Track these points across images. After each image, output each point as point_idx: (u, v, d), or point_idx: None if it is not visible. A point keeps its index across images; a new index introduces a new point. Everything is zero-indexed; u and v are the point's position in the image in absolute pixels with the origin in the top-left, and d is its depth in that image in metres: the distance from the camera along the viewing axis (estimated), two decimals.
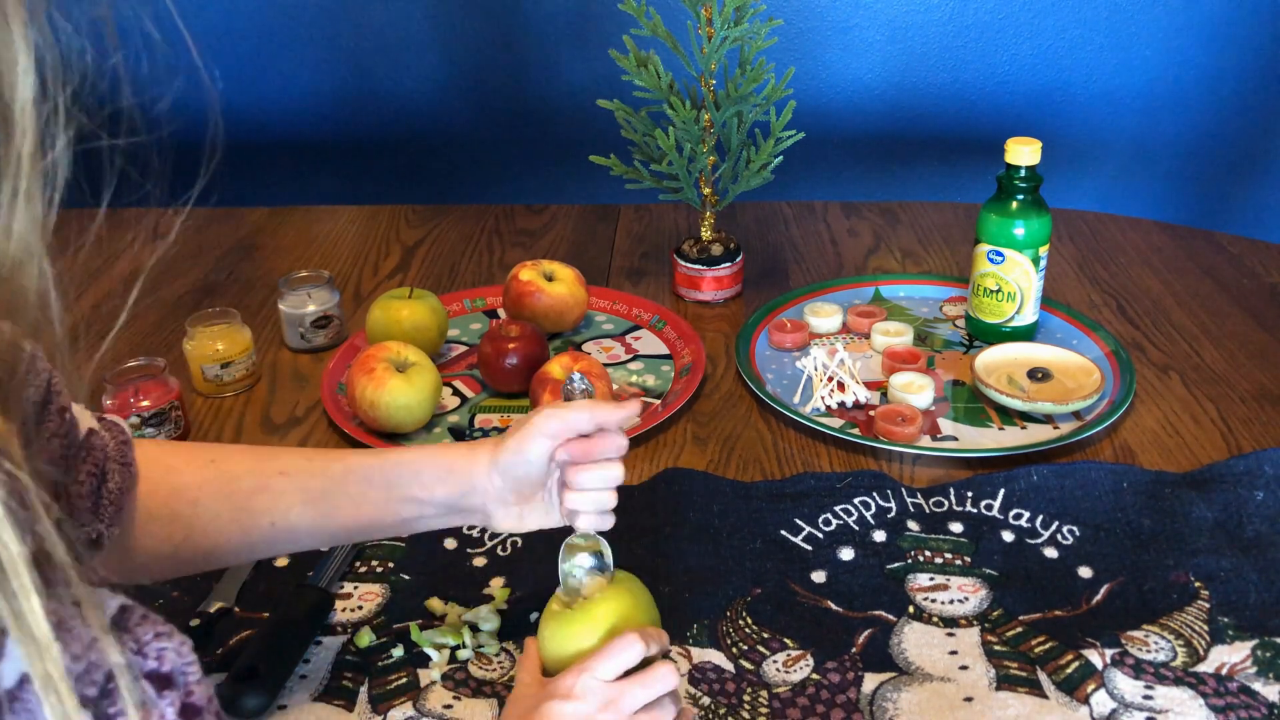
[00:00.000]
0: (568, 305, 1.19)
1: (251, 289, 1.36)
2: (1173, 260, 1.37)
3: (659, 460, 0.99)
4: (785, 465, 0.98)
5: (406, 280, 1.39)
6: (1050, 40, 1.83)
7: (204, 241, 1.50)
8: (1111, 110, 1.88)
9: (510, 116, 1.95)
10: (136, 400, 1.00)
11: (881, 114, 1.90)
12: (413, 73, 1.91)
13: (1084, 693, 0.73)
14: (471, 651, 0.78)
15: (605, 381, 1.01)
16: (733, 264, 1.28)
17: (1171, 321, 1.23)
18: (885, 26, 1.83)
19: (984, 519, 0.89)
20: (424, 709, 0.73)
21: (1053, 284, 1.32)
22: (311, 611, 0.79)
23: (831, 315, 1.21)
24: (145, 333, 1.26)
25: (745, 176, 1.24)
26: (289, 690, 0.75)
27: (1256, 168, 1.93)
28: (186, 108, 0.50)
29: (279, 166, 2.01)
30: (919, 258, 1.40)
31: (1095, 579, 0.83)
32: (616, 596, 0.68)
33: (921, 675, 0.75)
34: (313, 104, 1.94)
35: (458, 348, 1.21)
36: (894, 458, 0.99)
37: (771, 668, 0.76)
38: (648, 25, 1.18)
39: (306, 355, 1.21)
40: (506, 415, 1.07)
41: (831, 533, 0.88)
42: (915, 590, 0.82)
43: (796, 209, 1.57)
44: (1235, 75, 1.85)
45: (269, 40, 1.88)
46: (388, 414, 1.01)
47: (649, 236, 1.49)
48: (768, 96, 1.20)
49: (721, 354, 1.18)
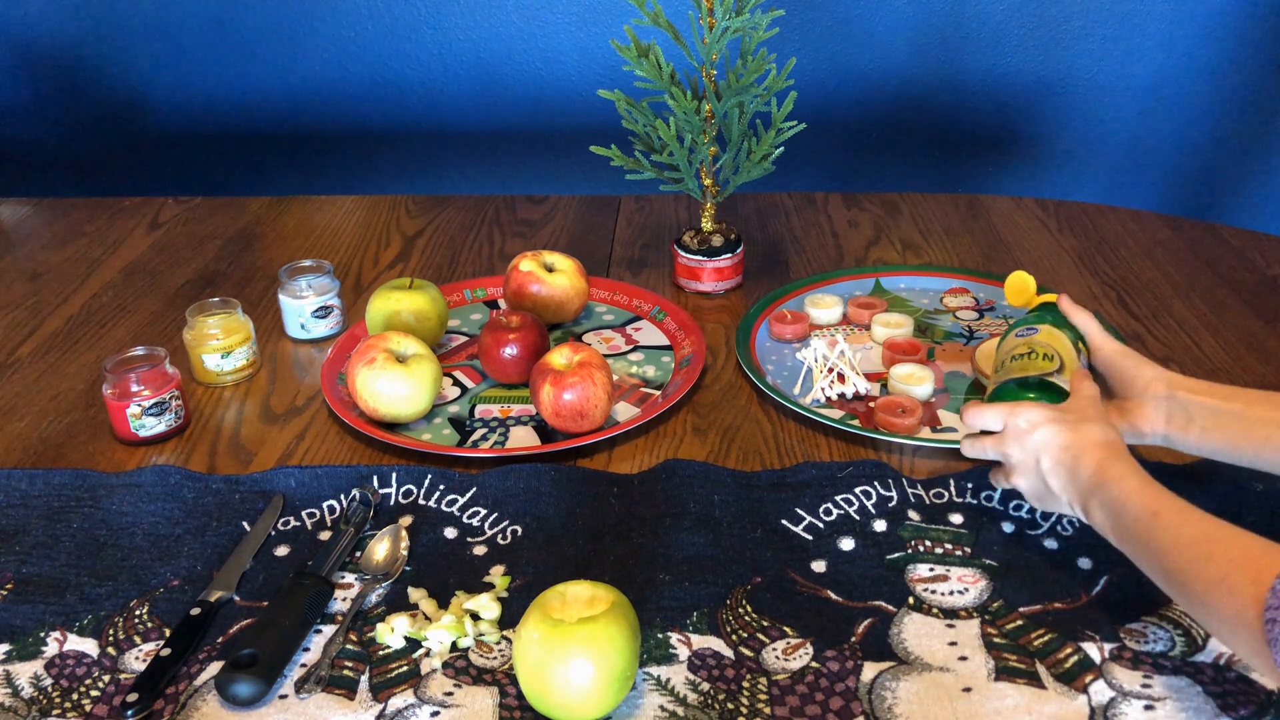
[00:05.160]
0: (568, 296, 1.19)
1: (252, 279, 1.36)
2: (1174, 252, 1.37)
3: (659, 451, 1.00)
4: (785, 457, 0.98)
5: (407, 270, 1.39)
6: (1053, 32, 1.83)
7: (204, 231, 1.50)
8: (1114, 103, 1.88)
9: (511, 107, 1.94)
10: (137, 389, 1.00)
11: (883, 105, 1.90)
12: (413, 62, 1.91)
13: (1082, 683, 0.73)
14: (472, 639, 0.78)
15: (606, 372, 1.01)
16: (733, 255, 1.28)
17: (1172, 313, 1.23)
18: (887, 17, 1.83)
19: (984, 510, 0.90)
20: (425, 696, 0.74)
21: (1053, 276, 1.32)
22: (311, 600, 0.80)
23: (832, 307, 1.21)
24: (146, 322, 1.26)
25: (746, 167, 1.24)
26: (288, 678, 0.75)
27: (1258, 161, 1.92)
28: (185, 99, 0.50)
29: (279, 156, 2.01)
30: (919, 249, 1.40)
31: (1095, 570, 0.83)
32: (605, 621, 0.69)
33: (920, 665, 0.75)
34: (314, 93, 1.94)
35: (458, 338, 1.21)
36: (894, 449, 0.99)
37: (771, 655, 0.76)
38: (649, 15, 1.18)
39: (307, 345, 1.21)
40: (506, 406, 1.07)
41: (832, 522, 0.88)
42: (915, 581, 0.82)
43: (797, 200, 1.57)
44: (1238, 68, 1.84)
45: (268, 29, 1.88)
46: (388, 404, 1.01)
47: (649, 227, 1.49)
48: (769, 87, 1.19)
49: (722, 345, 1.18)
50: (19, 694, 0.75)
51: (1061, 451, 0.79)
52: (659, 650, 0.76)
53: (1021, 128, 1.90)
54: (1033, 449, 0.80)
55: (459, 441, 1.01)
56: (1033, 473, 0.81)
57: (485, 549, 0.88)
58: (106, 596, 0.83)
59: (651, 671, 0.75)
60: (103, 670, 0.76)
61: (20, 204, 1.62)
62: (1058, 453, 0.79)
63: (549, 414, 1.00)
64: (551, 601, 0.71)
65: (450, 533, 0.89)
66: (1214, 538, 0.68)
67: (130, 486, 0.94)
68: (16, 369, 1.17)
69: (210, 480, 0.95)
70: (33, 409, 1.09)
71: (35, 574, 0.85)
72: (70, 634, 0.79)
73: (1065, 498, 0.79)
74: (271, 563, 0.86)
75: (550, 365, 1.01)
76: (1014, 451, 0.82)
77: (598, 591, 0.72)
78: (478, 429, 1.04)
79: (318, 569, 0.84)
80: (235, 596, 0.83)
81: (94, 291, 1.34)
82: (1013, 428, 0.82)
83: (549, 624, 0.69)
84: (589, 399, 0.98)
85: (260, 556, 0.87)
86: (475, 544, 0.88)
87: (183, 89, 1.92)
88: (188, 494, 0.93)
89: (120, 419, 1.00)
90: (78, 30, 1.88)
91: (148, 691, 0.73)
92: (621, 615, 0.70)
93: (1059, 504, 0.80)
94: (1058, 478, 0.79)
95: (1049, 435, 0.79)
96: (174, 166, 2.01)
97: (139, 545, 0.88)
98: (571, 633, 0.68)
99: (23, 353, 1.20)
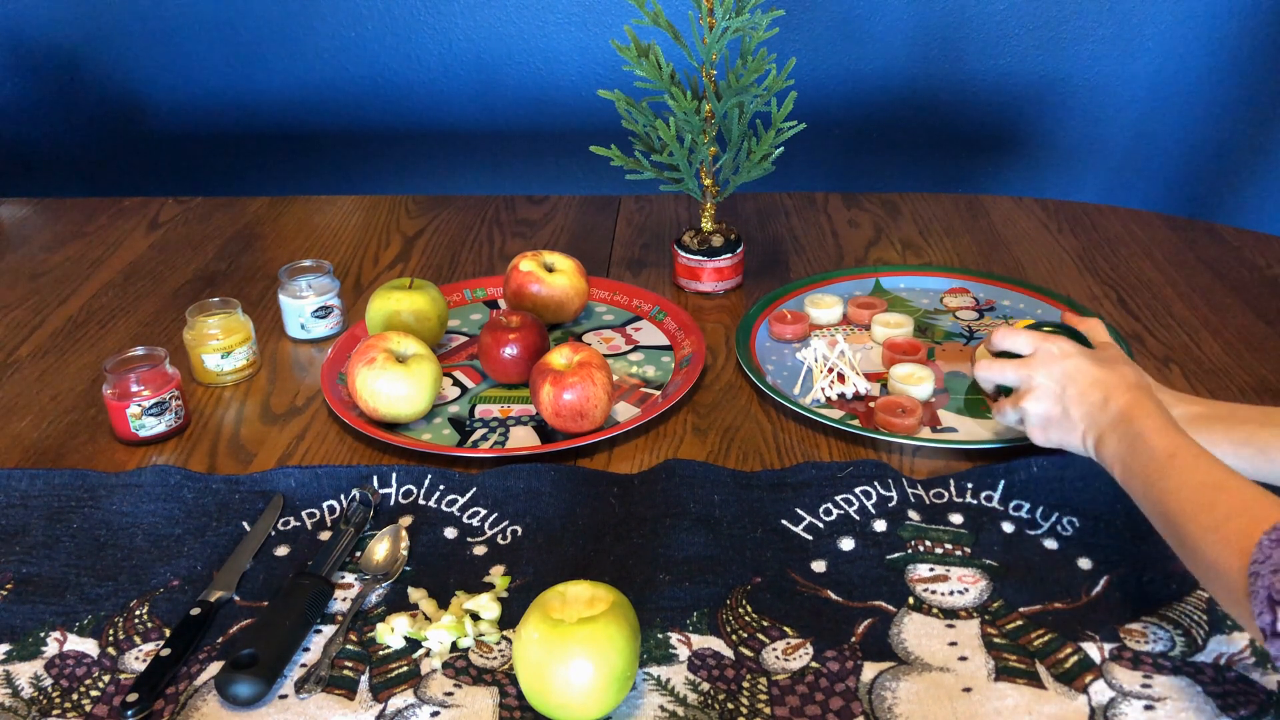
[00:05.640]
0: (568, 296, 1.19)
1: (252, 279, 1.36)
2: (1173, 252, 1.37)
3: (659, 451, 1.00)
4: (785, 457, 0.98)
5: (407, 270, 1.39)
6: (1052, 31, 1.83)
7: (204, 231, 1.50)
8: (1113, 103, 1.88)
9: (511, 107, 1.94)
10: (137, 389, 1.00)
11: (882, 105, 1.90)
12: (413, 62, 1.91)
13: (1082, 683, 0.73)
14: (472, 639, 0.78)
15: (606, 372, 1.01)
16: (733, 255, 1.28)
17: (1172, 313, 1.23)
18: (887, 17, 1.83)
19: (984, 510, 0.90)
20: (425, 696, 0.74)
21: (1053, 276, 1.32)
22: (311, 600, 0.80)
23: (832, 307, 1.21)
24: (145, 322, 1.26)
25: (746, 167, 1.24)
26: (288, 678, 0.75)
27: (1258, 161, 1.92)
28: (185, 99, 0.50)
29: (279, 156, 2.01)
30: (919, 249, 1.40)
31: (1095, 570, 0.83)
32: (605, 621, 0.69)
33: (920, 665, 0.75)
34: (313, 93, 1.94)
35: (458, 338, 1.21)
36: (894, 449, 0.99)
37: (771, 655, 0.76)
38: (649, 15, 1.18)
39: (307, 345, 1.21)
40: (507, 406, 1.07)
41: (832, 522, 0.88)
42: (915, 581, 0.82)
43: (797, 200, 1.57)
44: (1238, 68, 1.84)
45: (269, 29, 1.88)
46: (388, 404, 1.01)
47: (649, 227, 1.49)
48: (769, 87, 1.19)
49: (722, 345, 1.18)
50: (19, 694, 0.75)
51: (1092, 384, 0.82)
52: (659, 650, 0.76)
53: (1021, 128, 1.90)
54: (1060, 375, 0.84)
55: (459, 441, 1.01)
56: (1052, 398, 0.84)
57: (485, 549, 0.88)
58: (106, 596, 0.83)
59: (651, 671, 0.75)
60: (103, 670, 0.76)
61: (20, 204, 1.62)
62: (1087, 384, 0.82)
63: (549, 414, 1.00)
64: (551, 601, 0.71)
65: (450, 533, 0.89)
66: (1222, 485, 0.68)
67: (130, 486, 0.94)
68: (16, 369, 1.17)
69: (210, 480, 0.95)
70: (33, 409, 1.09)
71: (35, 574, 0.85)
72: (70, 634, 0.79)
73: (1082, 426, 0.82)
74: (271, 563, 0.86)
75: (550, 365, 1.01)
76: (1038, 375, 0.85)
77: (598, 591, 0.72)
78: (478, 429, 1.04)
79: (318, 569, 0.84)
80: (235, 596, 0.83)
81: (94, 291, 1.34)
82: (1044, 352, 0.85)
83: (549, 624, 0.69)
84: (589, 399, 0.98)
85: (260, 556, 0.87)
86: (475, 544, 0.88)
87: (183, 89, 1.92)
88: (188, 494, 0.93)
89: (120, 419, 1.01)
90: (78, 30, 1.88)
91: (148, 691, 0.73)
92: (621, 615, 0.70)
93: (1070, 432, 0.83)
94: (1081, 407, 0.81)
95: (1082, 365, 0.83)
96: (174, 166, 2.01)
97: (139, 545, 0.88)
98: (571, 633, 0.68)
99: (23, 353, 1.20)
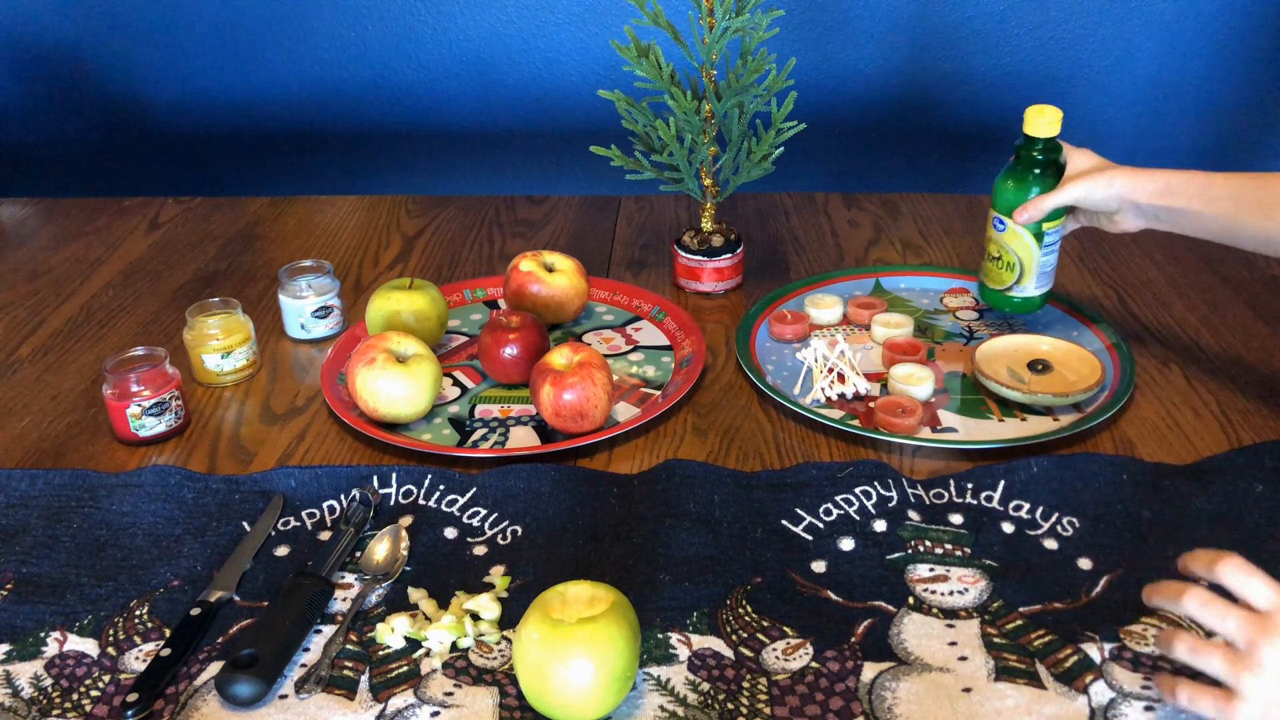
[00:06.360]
0: (568, 296, 1.19)
1: (252, 279, 1.36)
2: (1173, 252, 1.37)
3: (659, 451, 1.00)
4: (785, 457, 0.98)
5: (407, 270, 1.39)
6: (1052, 31, 1.83)
7: (204, 231, 1.50)
8: (1113, 102, 1.88)
9: (511, 107, 1.94)
10: (137, 390, 1.00)
11: (882, 105, 1.90)
12: (413, 62, 1.91)
13: (1082, 683, 0.73)
14: (472, 640, 0.78)
15: (606, 372, 1.01)
16: (733, 255, 1.28)
17: (1172, 314, 1.23)
18: (886, 17, 1.83)
19: (984, 510, 0.90)
20: (425, 696, 0.74)
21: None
22: (311, 600, 0.80)
23: (832, 307, 1.21)
24: (145, 322, 1.26)
25: (746, 167, 1.24)
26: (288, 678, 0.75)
27: (1259, 161, 1.92)
28: (185, 99, 0.49)
29: (279, 156, 2.01)
30: (919, 249, 1.40)
31: (1095, 570, 0.83)
32: (605, 621, 0.69)
33: (920, 665, 0.75)
34: (313, 93, 1.94)
35: (458, 338, 1.21)
36: (894, 449, 0.99)
37: (771, 655, 0.76)
38: (649, 15, 1.18)
39: (307, 345, 1.21)
40: (507, 406, 1.07)
41: (832, 522, 0.88)
42: (915, 581, 0.82)
43: (797, 200, 1.57)
44: (1238, 68, 1.84)
45: (269, 29, 1.88)
46: (388, 404, 1.01)
47: (649, 227, 1.49)
48: (769, 87, 1.19)
49: (722, 345, 1.18)
50: (19, 694, 0.75)
51: None
52: (659, 650, 0.76)
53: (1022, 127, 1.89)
54: None
55: (459, 442, 1.01)
56: None
57: (485, 549, 0.88)
58: (106, 596, 0.83)
59: (651, 671, 0.75)
60: (103, 670, 0.76)
61: (20, 204, 1.62)
62: None
63: (549, 414, 1.00)
64: (551, 602, 0.71)
65: (450, 533, 0.89)
66: None
67: (130, 487, 0.94)
68: (16, 369, 1.17)
69: (210, 480, 0.95)
70: (33, 409, 1.09)
71: (35, 574, 0.85)
72: (70, 634, 0.79)
73: None
74: (271, 563, 0.86)
75: (550, 365, 1.01)
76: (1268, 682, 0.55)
77: (598, 592, 0.72)
78: (478, 429, 1.04)
79: (318, 569, 0.84)
80: (235, 596, 0.83)
81: (94, 291, 1.34)
82: None
83: (549, 624, 0.69)
84: (589, 399, 0.98)
85: (260, 556, 0.87)
86: (475, 544, 0.88)
87: (183, 89, 1.92)
88: (188, 494, 0.93)
89: (120, 419, 1.01)
90: (78, 30, 1.88)
91: (148, 691, 0.73)
92: (621, 615, 0.70)
93: None
94: None
95: None
96: (174, 166, 2.01)
97: (139, 545, 0.88)
98: (571, 633, 0.68)
99: (23, 353, 1.20)
